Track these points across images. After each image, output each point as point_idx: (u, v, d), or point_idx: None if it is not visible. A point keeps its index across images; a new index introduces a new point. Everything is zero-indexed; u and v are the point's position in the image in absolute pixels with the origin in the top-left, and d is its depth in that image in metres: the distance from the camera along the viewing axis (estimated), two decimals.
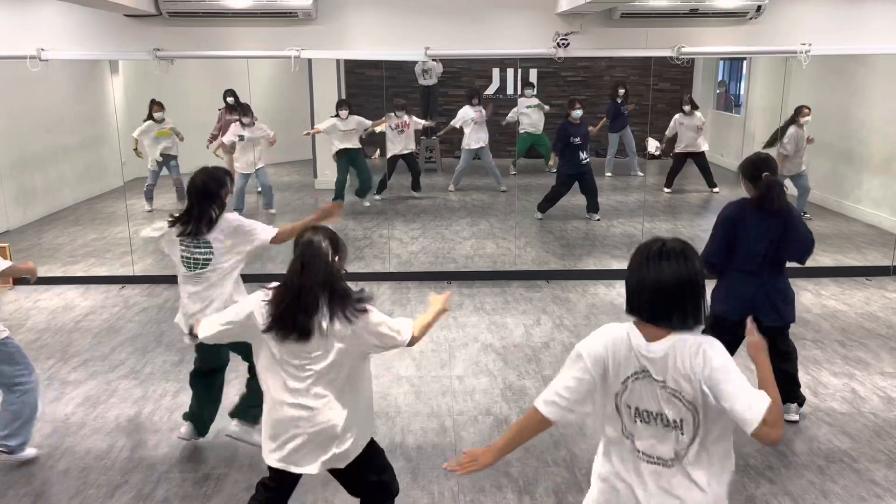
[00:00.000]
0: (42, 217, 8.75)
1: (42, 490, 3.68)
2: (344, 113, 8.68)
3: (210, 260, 3.66)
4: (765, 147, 7.89)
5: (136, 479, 3.77)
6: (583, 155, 8.45)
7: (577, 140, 8.39)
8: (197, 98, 9.35)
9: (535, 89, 10.42)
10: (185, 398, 4.62)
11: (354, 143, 8.92)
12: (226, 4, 6.08)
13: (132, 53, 6.46)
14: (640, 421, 2.18)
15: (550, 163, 9.14)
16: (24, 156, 8.43)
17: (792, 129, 7.91)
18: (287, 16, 6.23)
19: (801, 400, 4.32)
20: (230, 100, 8.97)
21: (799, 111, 7.92)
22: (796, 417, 4.26)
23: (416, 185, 9.71)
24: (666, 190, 9.86)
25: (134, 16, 6.22)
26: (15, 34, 6.31)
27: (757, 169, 3.91)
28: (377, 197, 9.62)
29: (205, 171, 3.66)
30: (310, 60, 8.49)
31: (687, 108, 9.55)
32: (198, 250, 3.67)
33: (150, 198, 8.94)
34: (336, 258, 2.67)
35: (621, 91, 10.15)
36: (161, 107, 8.63)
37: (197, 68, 9.06)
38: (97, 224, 8.64)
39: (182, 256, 3.72)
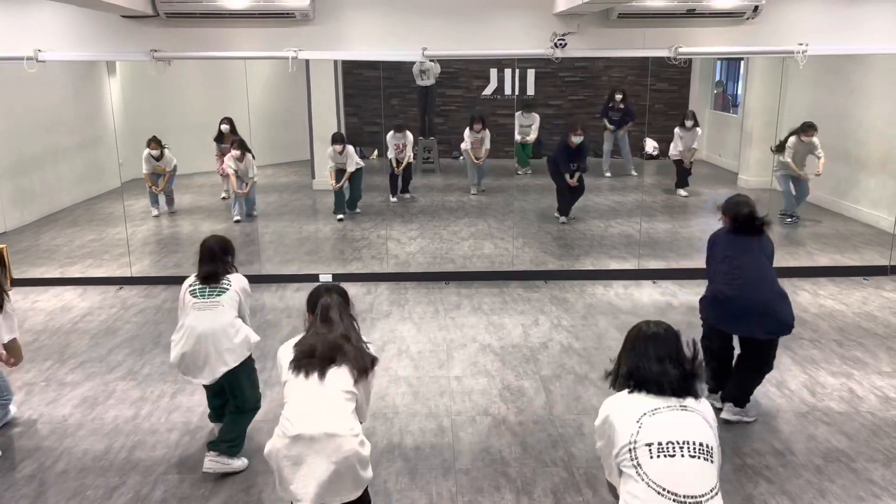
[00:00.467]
0: (40, 218, 8.73)
1: (40, 491, 3.68)
2: (338, 147, 8.74)
3: (227, 289, 3.86)
4: (774, 151, 8.10)
5: (133, 481, 3.77)
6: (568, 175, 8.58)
7: (566, 170, 8.49)
8: (195, 99, 9.34)
9: (533, 110, 10.38)
10: (184, 399, 4.63)
11: (351, 167, 8.94)
12: (223, 5, 6.08)
13: (129, 54, 6.46)
14: (664, 455, 2.14)
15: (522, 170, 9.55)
16: (21, 157, 8.41)
17: (793, 140, 8.07)
18: (284, 16, 6.23)
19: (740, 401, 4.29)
20: (224, 127, 8.83)
21: (805, 129, 7.97)
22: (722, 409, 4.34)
23: (404, 189, 9.81)
24: (682, 193, 9.80)
25: (131, 17, 6.22)
26: (12, 35, 6.31)
27: (736, 207, 4.20)
28: (407, 196, 9.82)
29: (216, 237, 4.03)
30: (307, 61, 8.45)
31: (689, 122, 9.59)
32: (217, 284, 3.89)
33: (155, 202, 8.93)
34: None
35: (618, 97, 10.17)
36: (158, 144, 8.48)
37: (194, 69, 9.05)
38: (95, 225, 8.63)
39: (195, 290, 3.85)
